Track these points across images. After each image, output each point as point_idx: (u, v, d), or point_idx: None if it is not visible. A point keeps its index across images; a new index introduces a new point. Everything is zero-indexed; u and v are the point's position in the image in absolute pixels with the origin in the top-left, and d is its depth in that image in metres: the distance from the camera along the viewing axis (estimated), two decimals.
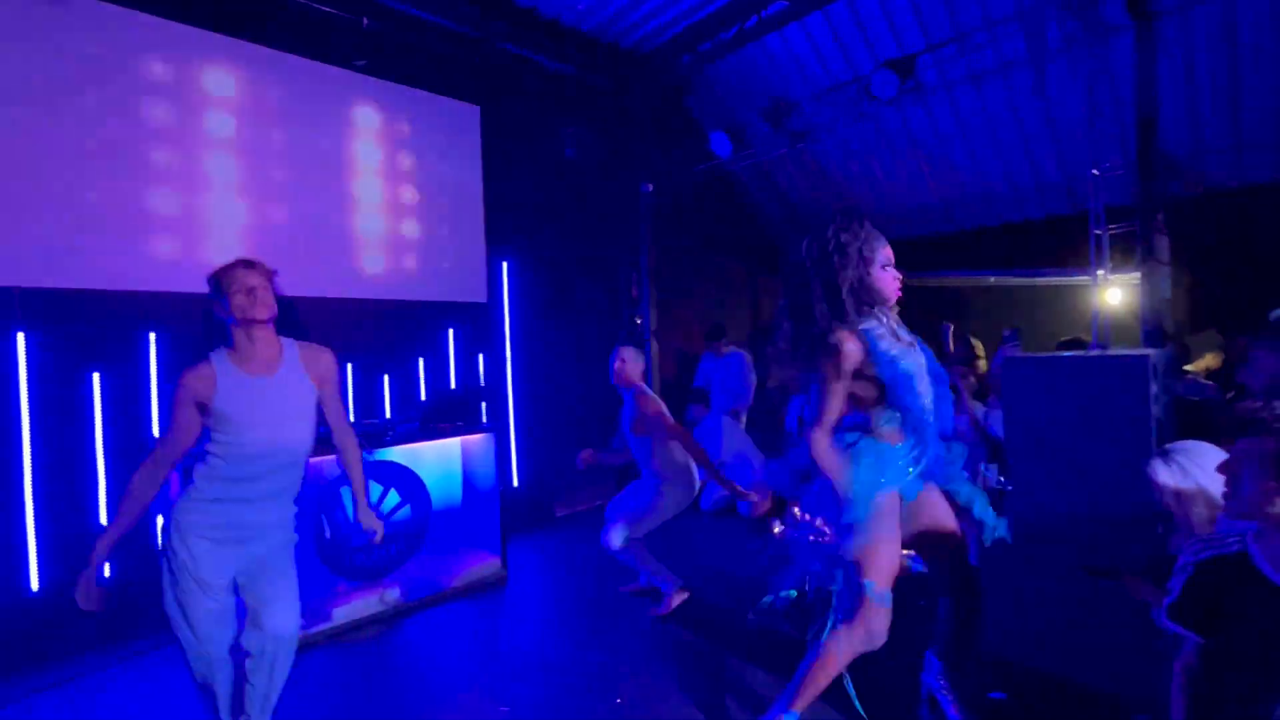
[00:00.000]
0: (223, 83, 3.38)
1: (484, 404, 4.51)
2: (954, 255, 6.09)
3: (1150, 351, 2.39)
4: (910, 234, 6.18)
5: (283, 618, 1.86)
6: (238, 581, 1.86)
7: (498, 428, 3.72)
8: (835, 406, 1.78)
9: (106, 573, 2.96)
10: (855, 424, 1.84)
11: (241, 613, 1.88)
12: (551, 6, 4.37)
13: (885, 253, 1.86)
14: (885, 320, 1.84)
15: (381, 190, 4.00)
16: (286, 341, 1.91)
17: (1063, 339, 4.19)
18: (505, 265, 4.68)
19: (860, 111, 4.80)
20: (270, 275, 1.85)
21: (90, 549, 1.66)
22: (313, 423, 1.92)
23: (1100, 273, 4.12)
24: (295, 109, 3.64)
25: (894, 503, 1.88)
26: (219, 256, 1.91)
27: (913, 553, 3.51)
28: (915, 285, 7.91)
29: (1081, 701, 2.21)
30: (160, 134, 3.18)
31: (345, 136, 3.84)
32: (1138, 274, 3.69)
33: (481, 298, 4.50)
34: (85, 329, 2.95)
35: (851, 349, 1.74)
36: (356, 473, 2.09)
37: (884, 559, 1.85)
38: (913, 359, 1.82)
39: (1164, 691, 1.38)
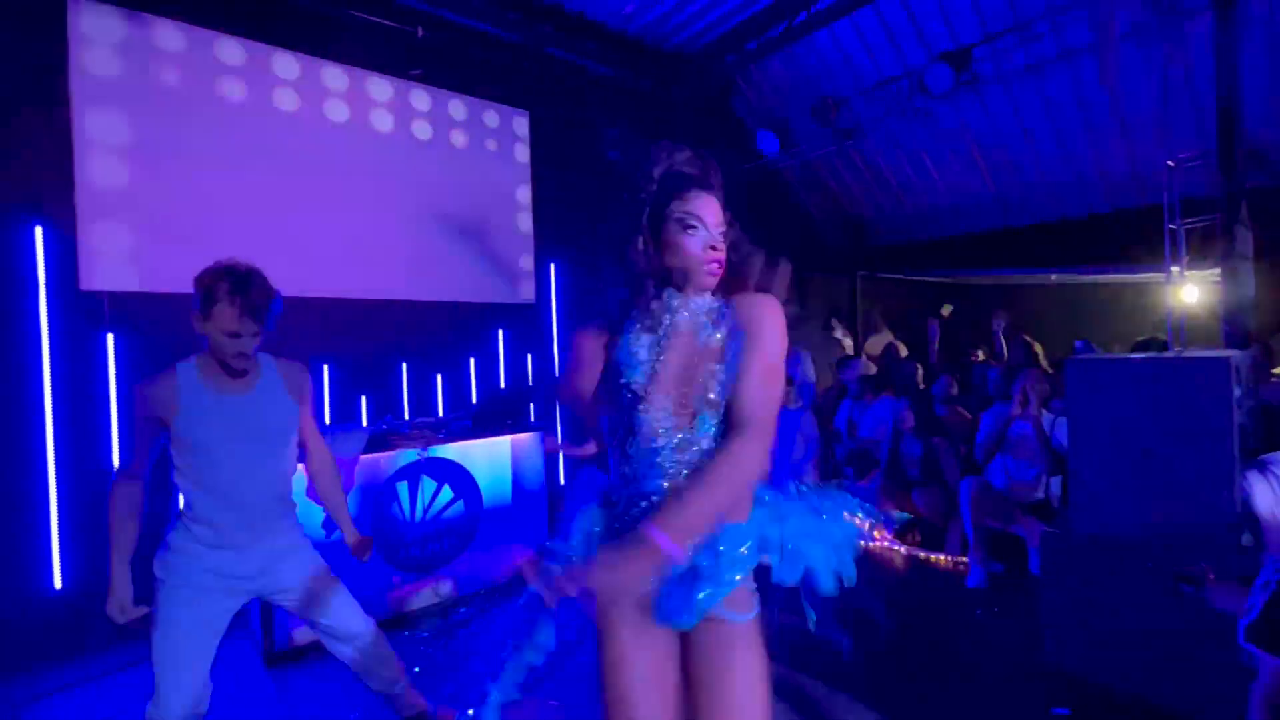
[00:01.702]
0: (285, 96, 3.56)
1: (532, 404, 4.60)
2: (1012, 252, 5.86)
3: (1233, 353, 2.25)
4: (964, 230, 5.98)
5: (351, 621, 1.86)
6: (290, 608, 1.79)
7: (546, 426, 3.78)
8: None
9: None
10: None
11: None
12: (598, 11, 4.42)
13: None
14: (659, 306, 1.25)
15: (434, 195, 4.13)
16: (263, 356, 1.76)
17: (1139, 339, 3.97)
18: (553, 267, 4.75)
19: (912, 107, 4.68)
20: (266, 307, 1.65)
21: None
22: (294, 446, 1.79)
23: (1175, 269, 3.89)
24: (354, 119, 3.79)
25: None
26: (283, 260, 1.91)
27: (971, 561, 3.40)
28: (970, 284, 7.69)
29: (1150, 719, 2.10)
30: (228, 145, 3.37)
31: (400, 143, 3.98)
32: (1217, 270, 3.47)
33: (530, 299, 4.59)
34: (168, 331, 3.15)
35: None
36: (336, 498, 1.93)
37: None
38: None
39: (1242, 713, 1.31)
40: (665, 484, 1.18)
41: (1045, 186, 5.32)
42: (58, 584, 2.86)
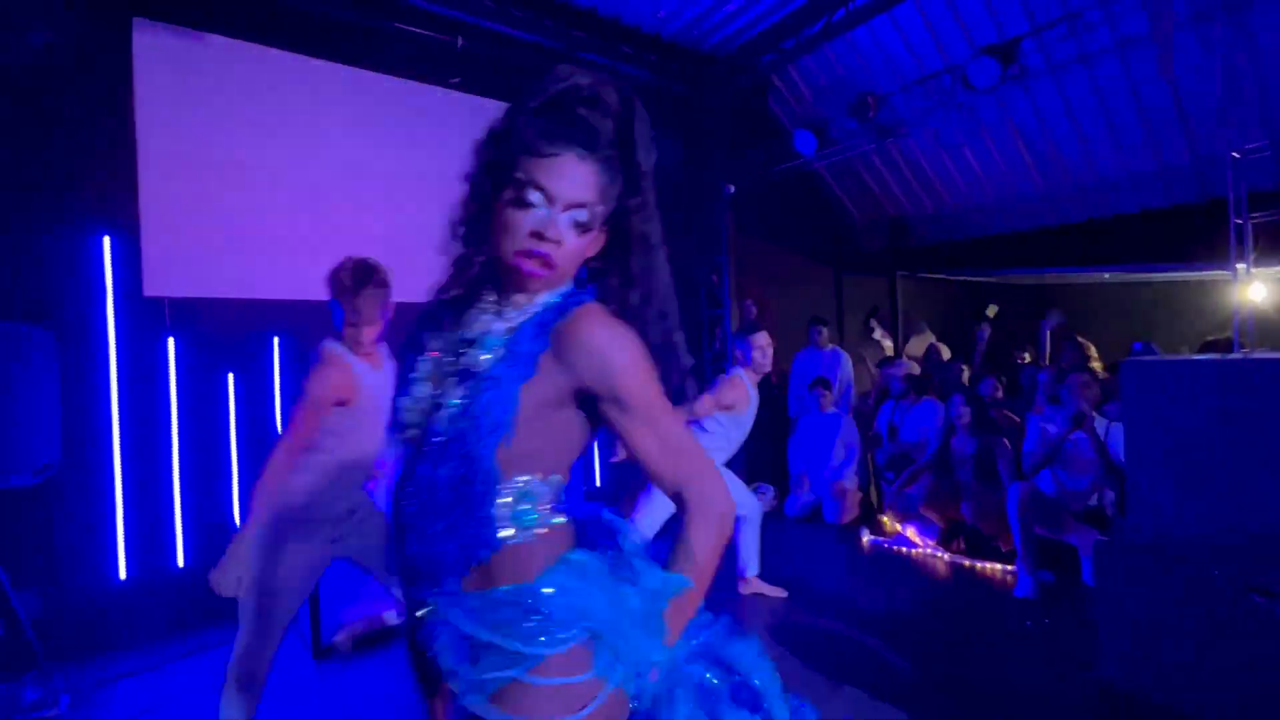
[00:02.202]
0: (333, 106, 3.68)
1: None
2: (1061, 250, 5.65)
3: None
4: (1010, 228, 5.80)
5: None
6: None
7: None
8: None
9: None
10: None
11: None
12: (632, 15, 4.44)
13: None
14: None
15: None
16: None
17: (1209, 338, 3.79)
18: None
19: (954, 101, 4.56)
20: (385, 289, 1.89)
21: (228, 534, 1.76)
22: None
23: (1241, 266, 3.69)
24: (397, 126, 3.90)
25: None
26: (331, 266, 1.97)
27: (1020, 570, 3.29)
28: (1016, 283, 7.42)
29: None
30: (280, 155, 3.50)
31: (440, 151, 4.07)
32: None
33: None
34: (222, 334, 3.29)
35: None
36: None
37: None
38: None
39: None
40: (402, 546, 0.87)
41: (1097, 181, 5.11)
42: (122, 574, 3.01)
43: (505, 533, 0.81)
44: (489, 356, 0.84)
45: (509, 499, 0.81)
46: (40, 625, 2.57)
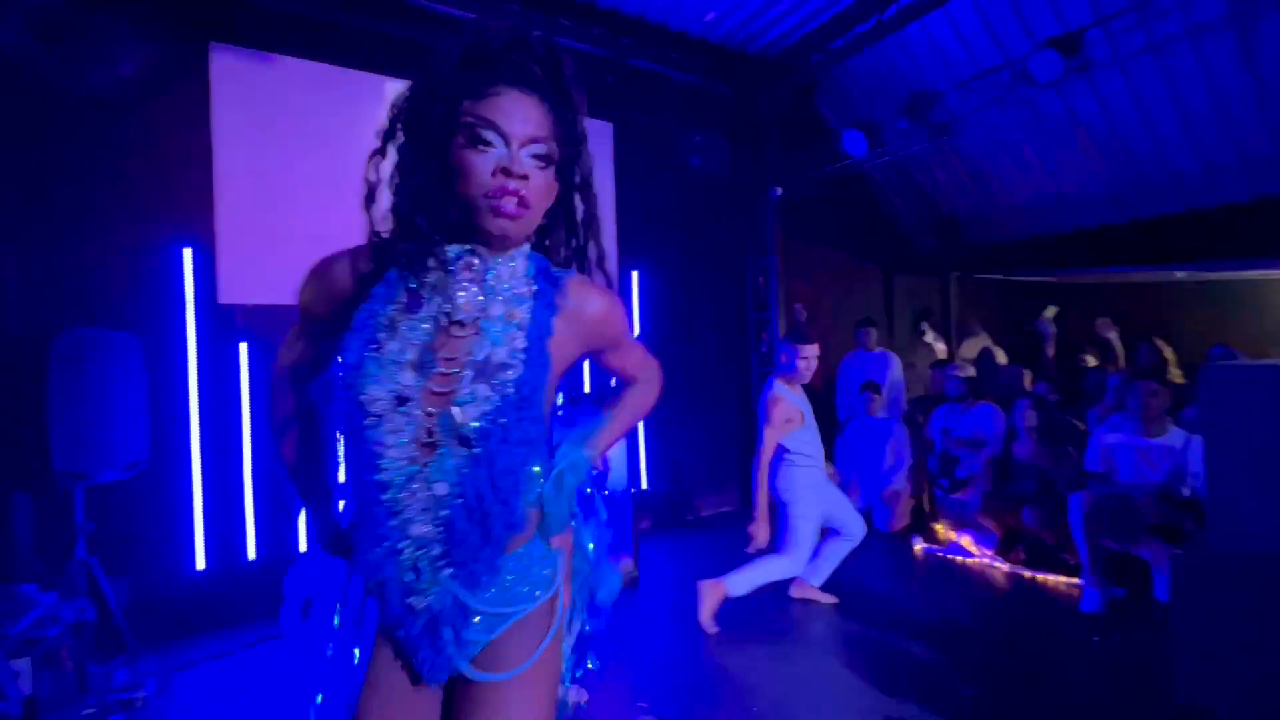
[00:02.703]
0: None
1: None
2: (1130, 249, 5.38)
3: None
4: (1072, 226, 5.56)
5: None
6: None
7: (629, 430, 3.85)
8: None
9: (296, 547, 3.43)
10: None
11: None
12: (680, 20, 4.46)
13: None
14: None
15: None
16: None
17: None
18: (636, 274, 4.82)
19: (1013, 97, 4.41)
20: None
21: (292, 523, 1.81)
22: None
23: None
24: None
25: None
26: None
27: (1086, 583, 3.15)
28: (1080, 284, 7.09)
29: None
30: (345, 169, 3.66)
31: None
32: None
33: None
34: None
35: None
36: None
37: None
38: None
39: None
40: (401, 533, 0.85)
41: (1168, 176, 4.85)
42: (200, 565, 3.20)
43: (529, 509, 0.93)
44: (505, 347, 0.86)
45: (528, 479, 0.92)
46: (128, 612, 2.75)
